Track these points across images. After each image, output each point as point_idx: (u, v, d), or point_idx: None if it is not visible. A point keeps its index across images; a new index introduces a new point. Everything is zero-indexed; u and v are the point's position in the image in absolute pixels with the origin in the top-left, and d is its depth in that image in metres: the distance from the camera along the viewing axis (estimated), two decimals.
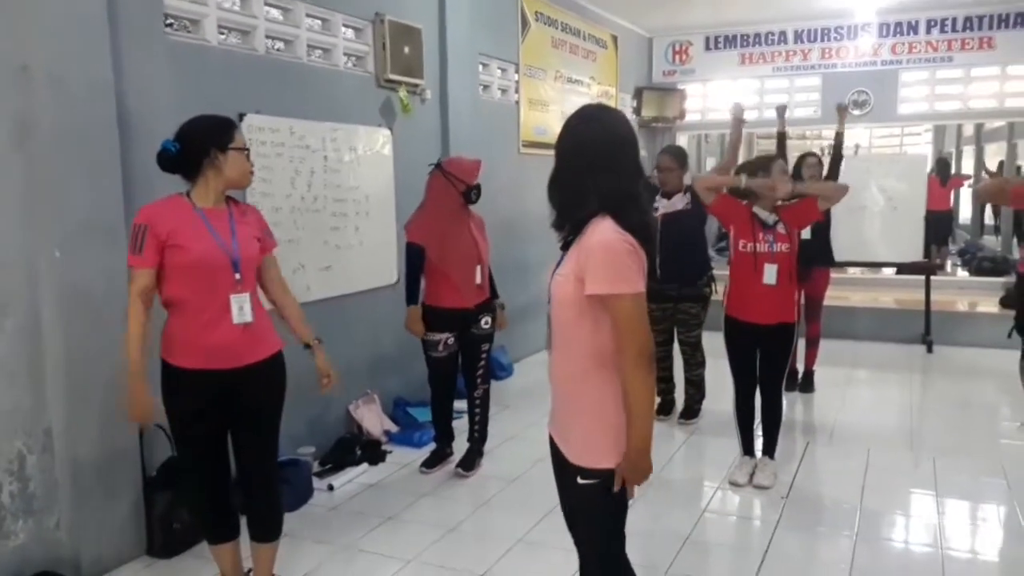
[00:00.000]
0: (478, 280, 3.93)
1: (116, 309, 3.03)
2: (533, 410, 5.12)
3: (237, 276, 2.44)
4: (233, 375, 2.46)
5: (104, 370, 2.98)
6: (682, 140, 9.55)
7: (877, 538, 3.27)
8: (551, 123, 6.93)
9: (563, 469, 1.91)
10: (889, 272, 8.70)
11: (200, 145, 2.41)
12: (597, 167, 1.82)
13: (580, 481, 1.85)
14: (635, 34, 8.91)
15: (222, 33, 3.63)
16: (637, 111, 8.94)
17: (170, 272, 2.40)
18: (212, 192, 2.45)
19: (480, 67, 5.80)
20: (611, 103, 8.23)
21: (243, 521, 2.70)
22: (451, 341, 3.94)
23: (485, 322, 3.97)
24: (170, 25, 3.40)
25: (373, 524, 3.42)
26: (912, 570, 3.07)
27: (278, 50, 3.97)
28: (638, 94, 8.97)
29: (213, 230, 2.43)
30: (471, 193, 3.88)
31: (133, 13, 3.11)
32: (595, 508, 1.89)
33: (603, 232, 1.78)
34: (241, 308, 2.44)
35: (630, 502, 1.94)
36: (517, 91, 6.37)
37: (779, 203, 3.68)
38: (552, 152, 1.92)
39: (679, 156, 4.70)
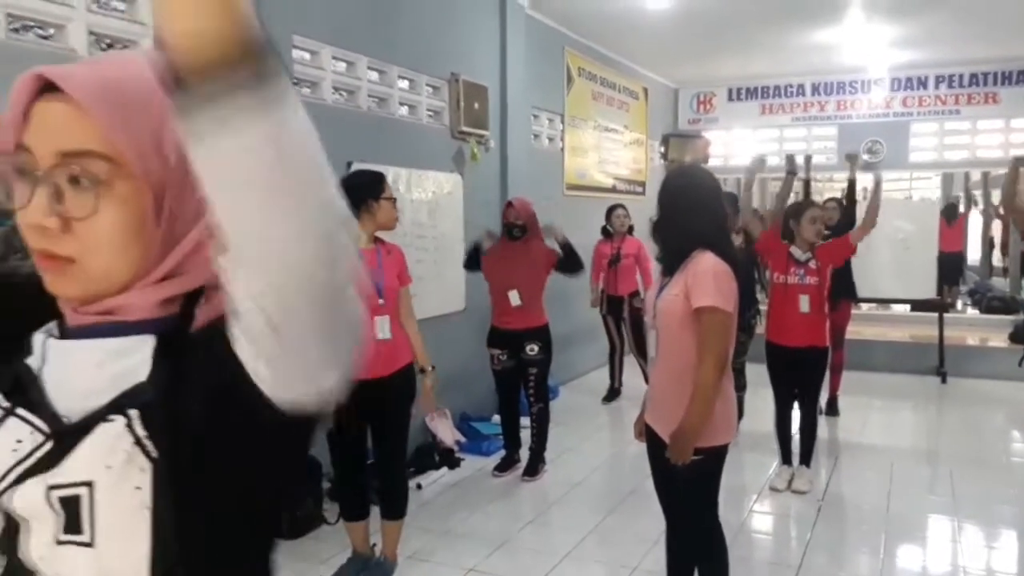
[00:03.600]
0: (514, 303, 4.42)
1: None
2: (583, 426, 5.65)
3: (380, 301, 3.00)
4: (371, 384, 3.00)
5: None
6: None
7: (904, 535, 3.77)
8: (590, 168, 7.55)
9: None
10: (902, 309, 9.23)
11: (358, 195, 2.99)
12: (692, 211, 2.39)
13: (694, 457, 2.37)
14: (663, 86, 9.59)
15: (335, 93, 4.25)
16: (664, 156, 9.57)
17: None
18: (364, 234, 3.04)
19: (532, 118, 6.43)
20: (642, 149, 8.87)
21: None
22: (503, 357, 4.49)
23: (531, 349, 4.48)
24: (296, 85, 4.02)
25: (463, 515, 3.93)
26: (934, 556, 3.59)
27: (376, 107, 4.59)
28: (665, 140, 9.60)
29: (364, 265, 3.03)
30: (508, 230, 4.44)
31: None
32: (704, 478, 2.44)
33: (708, 261, 2.37)
34: (382, 327, 3.00)
35: None
36: (562, 139, 7.00)
37: (816, 242, 4.23)
38: (592, 195, 2.53)
39: (732, 201, 5.22)
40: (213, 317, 0.70)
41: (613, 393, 6.42)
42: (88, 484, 0.67)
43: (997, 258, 13.75)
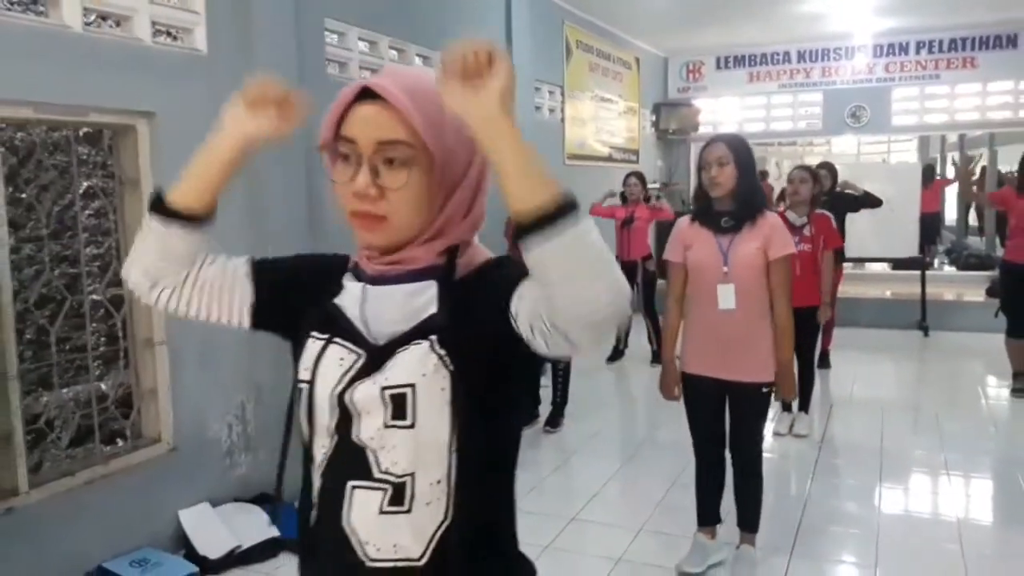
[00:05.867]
0: None
1: None
2: (592, 384, 5.99)
3: None
4: None
5: None
6: (695, 151, 10.48)
7: (897, 468, 4.16)
8: (588, 137, 7.82)
9: (737, 393, 2.83)
10: (881, 268, 9.65)
11: None
12: (756, 175, 2.76)
13: (764, 391, 2.82)
14: (654, 55, 9.82)
15: (361, 70, 4.48)
16: (655, 125, 9.84)
17: None
18: None
19: (534, 91, 6.68)
20: (634, 118, 9.14)
21: None
22: None
23: None
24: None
25: None
26: (926, 487, 4.02)
27: None
28: (656, 109, 9.87)
29: None
30: None
31: (309, 61, 3.96)
32: (767, 406, 2.90)
33: (777, 217, 2.82)
34: None
35: None
36: (562, 111, 7.25)
37: (815, 211, 4.57)
38: (591, 164, 2.94)
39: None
40: (470, 268, 1.04)
41: (617, 354, 6.76)
42: (411, 386, 0.98)
43: (972, 218, 14.25)
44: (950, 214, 14.43)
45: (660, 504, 3.69)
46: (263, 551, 3.28)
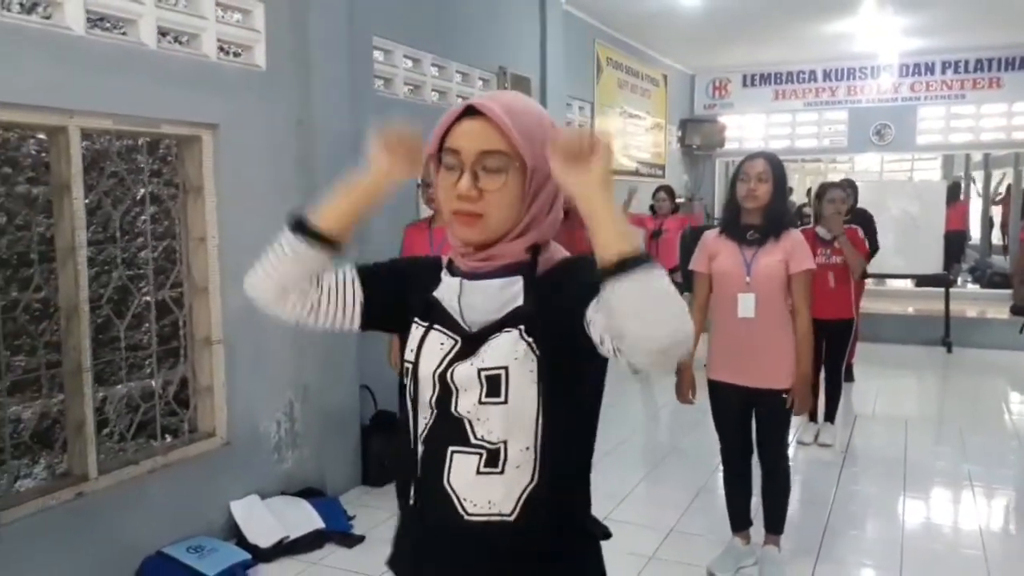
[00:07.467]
0: None
1: None
2: (617, 393, 6.11)
3: None
4: None
5: (340, 340, 3.98)
6: (720, 166, 10.62)
7: (921, 478, 4.26)
8: (616, 152, 7.98)
9: (760, 400, 2.95)
10: (902, 285, 9.71)
11: None
12: (787, 196, 2.92)
13: (783, 396, 2.91)
14: (681, 72, 9.98)
15: (405, 86, 4.68)
16: (682, 140, 9.99)
17: None
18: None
19: (566, 106, 6.86)
20: (661, 133, 9.30)
21: None
22: None
23: None
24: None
25: None
26: (948, 497, 4.11)
27: (437, 99, 5.02)
28: (683, 125, 10.02)
29: None
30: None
31: (359, 77, 4.16)
32: (790, 411, 2.98)
33: (800, 235, 2.92)
34: None
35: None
36: (592, 126, 7.42)
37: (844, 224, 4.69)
38: (619, 178, 3.05)
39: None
40: (551, 264, 1.21)
41: None
42: (504, 368, 1.14)
43: (996, 237, 14.24)
44: (974, 233, 14.41)
45: (688, 508, 3.81)
46: (310, 542, 3.45)
